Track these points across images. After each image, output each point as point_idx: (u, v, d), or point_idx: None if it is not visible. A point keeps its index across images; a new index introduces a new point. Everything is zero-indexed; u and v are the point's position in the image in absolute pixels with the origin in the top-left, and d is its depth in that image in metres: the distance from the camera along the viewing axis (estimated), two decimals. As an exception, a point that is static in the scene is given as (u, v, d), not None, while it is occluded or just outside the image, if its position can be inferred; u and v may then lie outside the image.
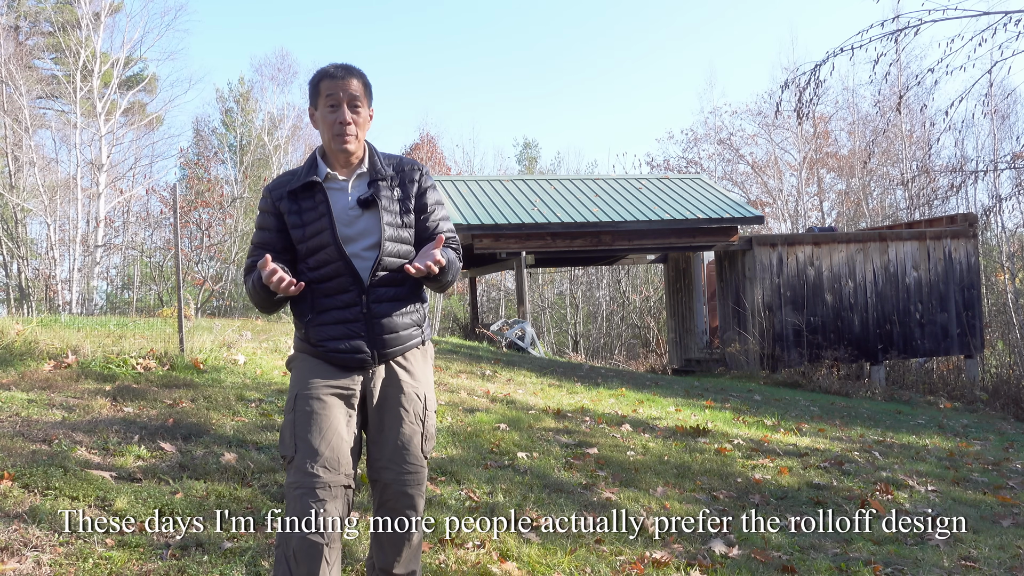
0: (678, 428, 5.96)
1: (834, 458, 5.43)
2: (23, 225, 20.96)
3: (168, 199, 22.40)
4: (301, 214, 2.38)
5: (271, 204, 2.42)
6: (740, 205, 14.21)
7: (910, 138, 24.17)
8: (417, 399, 2.41)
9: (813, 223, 26.66)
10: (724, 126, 29.29)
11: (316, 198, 2.38)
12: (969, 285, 13.87)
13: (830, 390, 10.97)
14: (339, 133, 2.36)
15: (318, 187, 2.39)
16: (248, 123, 30.83)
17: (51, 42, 23.79)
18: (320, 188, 2.38)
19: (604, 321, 26.44)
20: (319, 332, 2.34)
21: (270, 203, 2.43)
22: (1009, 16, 6.90)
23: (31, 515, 3.00)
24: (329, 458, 2.21)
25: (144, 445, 4.01)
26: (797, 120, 8.56)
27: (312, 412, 2.26)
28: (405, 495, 2.34)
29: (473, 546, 3.22)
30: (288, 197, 2.40)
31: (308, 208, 2.38)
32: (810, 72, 7.87)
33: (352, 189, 2.41)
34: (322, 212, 2.36)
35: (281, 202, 2.40)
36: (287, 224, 2.39)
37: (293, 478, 2.21)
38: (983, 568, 3.40)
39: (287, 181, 2.44)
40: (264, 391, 5.48)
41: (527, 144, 41.02)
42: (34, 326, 6.64)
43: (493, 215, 13.07)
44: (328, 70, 2.40)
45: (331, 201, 2.37)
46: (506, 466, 4.41)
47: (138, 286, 23.97)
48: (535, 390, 7.38)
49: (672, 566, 3.19)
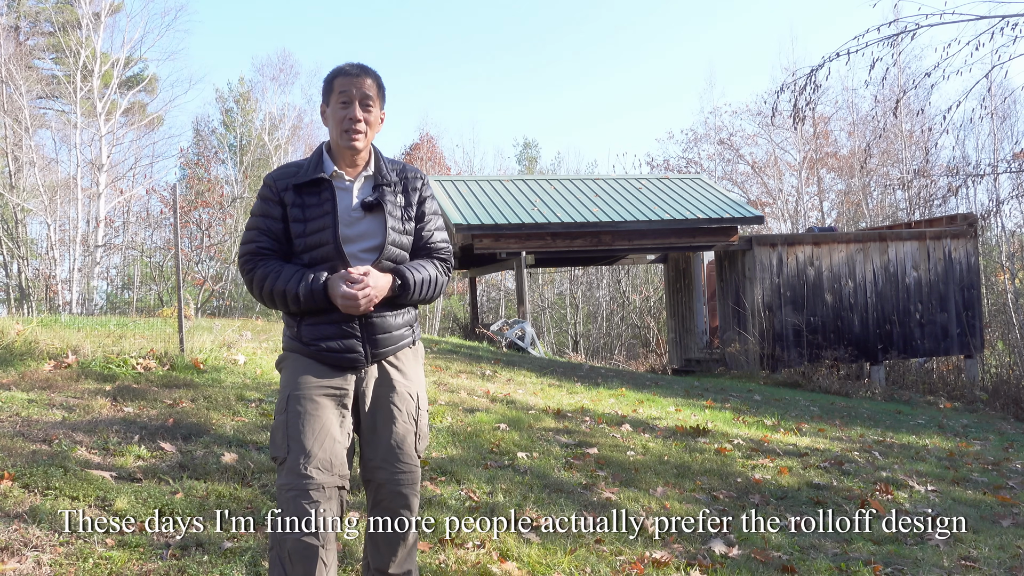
0: (678, 428, 5.96)
1: (834, 458, 5.43)
2: (23, 225, 20.95)
3: (168, 199, 22.40)
4: (304, 209, 2.36)
5: (275, 193, 2.39)
6: (740, 205, 14.21)
7: (910, 138, 24.16)
8: (410, 398, 2.41)
9: (813, 223, 26.66)
10: (724, 126, 29.34)
11: (322, 195, 2.36)
12: (969, 285, 13.87)
13: (830, 390, 10.97)
14: (348, 129, 2.35)
15: (326, 184, 2.37)
16: (248, 123, 30.84)
17: (51, 42, 23.80)
18: (328, 185, 2.37)
19: (604, 321, 26.44)
20: (312, 331, 2.32)
21: (274, 192, 2.39)
22: (1006, 20, 6.90)
23: (31, 515, 3.00)
24: (322, 459, 2.20)
25: (144, 445, 4.01)
26: (793, 124, 8.56)
27: (305, 413, 2.24)
28: (400, 495, 2.33)
29: (473, 546, 3.22)
30: (293, 190, 2.38)
31: (312, 204, 2.36)
32: (806, 77, 7.87)
33: (357, 190, 2.41)
34: (326, 210, 2.35)
35: (286, 193, 2.38)
36: (288, 216, 2.37)
37: (285, 480, 2.18)
38: (983, 568, 3.40)
39: (292, 173, 2.41)
40: (264, 391, 5.48)
41: (527, 144, 41.07)
42: (34, 326, 6.64)
43: (493, 215, 13.07)
44: (344, 68, 2.39)
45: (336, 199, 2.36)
46: (506, 466, 4.41)
47: (138, 286, 23.97)
48: (535, 390, 7.38)
49: (672, 566, 3.19)
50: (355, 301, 2.24)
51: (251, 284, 2.37)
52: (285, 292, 2.29)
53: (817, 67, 7.73)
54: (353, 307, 2.25)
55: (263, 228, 2.39)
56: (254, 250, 2.39)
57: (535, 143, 45.11)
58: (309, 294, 2.26)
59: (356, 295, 2.24)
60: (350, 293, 2.24)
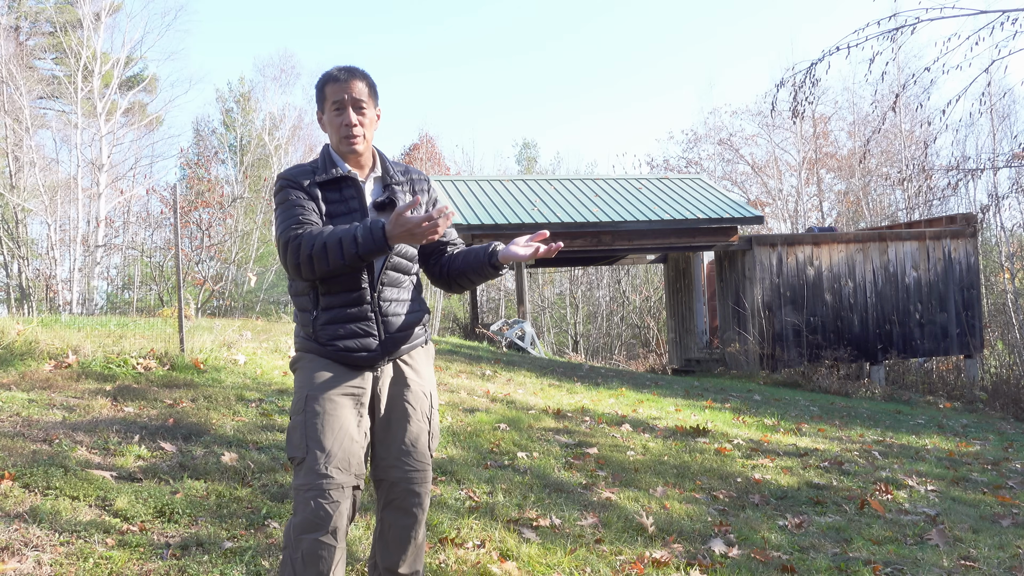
0: (678, 428, 5.96)
1: (834, 458, 5.43)
2: (24, 225, 20.94)
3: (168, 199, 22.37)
4: (329, 205, 2.34)
5: (302, 188, 2.32)
6: (740, 205, 14.22)
7: (909, 137, 24.16)
8: (424, 397, 2.42)
9: (813, 223, 26.65)
10: (724, 126, 29.35)
11: (344, 192, 2.35)
12: (968, 285, 13.87)
13: (830, 390, 10.97)
14: (346, 136, 2.36)
15: (349, 181, 2.37)
16: (248, 123, 30.84)
17: (52, 42, 23.80)
18: (352, 182, 2.36)
19: (604, 321, 26.43)
20: (328, 331, 2.31)
21: (301, 187, 2.32)
22: (1007, 15, 6.91)
23: (31, 515, 3.01)
24: (341, 458, 2.19)
25: (144, 445, 4.01)
26: (792, 118, 8.56)
27: (323, 412, 2.23)
28: (413, 493, 2.34)
29: (473, 546, 3.22)
30: (318, 186, 2.34)
31: (334, 200, 2.34)
32: (806, 70, 7.88)
33: (368, 191, 2.42)
34: (353, 207, 2.33)
35: (312, 188, 2.33)
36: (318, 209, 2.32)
37: (304, 479, 2.17)
38: (983, 568, 3.40)
39: (310, 171, 2.36)
40: (264, 391, 5.48)
41: (526, 144, 41.05)
42: (35, 326, 6.64)
43: (493, 215, 13.07)
44: (332, 73, 2.39)
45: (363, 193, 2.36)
46: (506, 466, 4.41)
47: (138, 286, 23.96)
48: (535, 390, 7.38)
49: (672, 566, 3.19)
50: (431, 222, 2.10)
51: (299, 248, 2.20)
52: (341, 239, 2.15)
53: (817, 61, 7.74)
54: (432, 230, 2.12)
55: (306, 209, 2.28)
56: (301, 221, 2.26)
57: (534, 143, 45.16)
58: (368, 234, 2.14)
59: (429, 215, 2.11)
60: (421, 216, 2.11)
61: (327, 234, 2.19)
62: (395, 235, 2.14)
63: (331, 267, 2.20)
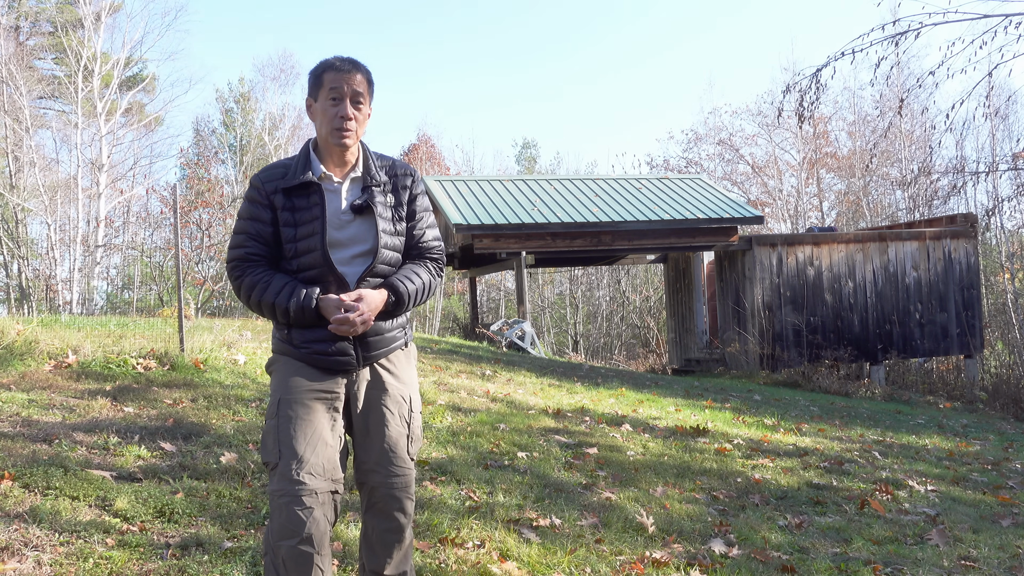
0: (678, 428, 5.96)
1: (834, 458, 5.43)
2: (23, 225, 20.95)
3: (168, 199, 22.38)
4: (294, 212, 2.30)
5: (264, 196, 2.32)
6: (740, 205, 14.22)
7: (910, 138, 24.17)
8: (402, 401, 2.38)
9: (813, 223, 26.66)
10: (724, 126, 29.36)
11: (311, 199, 2.31)
12: (969, 285, 13.87)
13: (830, 390, 10.97)
14: (339, 127, 2.30)
15: (314, 187, 2.31)
16: (248, 123, 30.83)
17: (52, 42, 23.80)
18: (317, 189, 2.31)
19: (604, 321, 26.44)
20: (303, 334, 2.29)
21: (264, 195, 2.32)
22: (1009, 19, 6.92)
23: (31, 515, 3.00)
24: (315, 464, 2.17)
25: (144, 445, 4.01)
26: (799, 124, 8.58)
27: (296, 417, 2.21)
28: (394, 498, 2.31)
29: (473, 546, 3.22)
30: (283, 193, 2.31)
31: (302, 207, 2.30)
32: (811, 76, 7.90)
33: (346, 192, 2.35)
34: (315, 215, 2.29)
35: (275, 196, 2.31)
36: (279, 220, 2.31)
37: (278, 485, 2.16)
38: (983, 568, 3.40)
39: (280, 175, 2.34)
40: (264, 391, 5.48)
41: (526, 144, 41.06)
42: (34, 326, 6.64)
43: (493, 215, 13.07)
44: (333, 62, 2.33)
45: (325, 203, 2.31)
46: (506, 466, 4.41)
47: (138, 286, 23.97)
48: (535, 390, 7.38)
49: (672, 566, 3.19)
50: (351, 326, 2.23)
51: (239, 291, 2.32)
52: (275, 306, 2.25)
53: (822, 66, 7.76)
54: (349, 332, 2.25)
55: (252, 232, 2.32)
56: (243, 256, 2.32)
57: (534, 143, 45.10)
58: (300, 311, 2.23)
59: (351, 319, 2.22)
60: (344, 318, 2.22)
61: (265, 291, 2.28)
62: (326, 317, 2.27)
63: (274, 321, 2.35)
